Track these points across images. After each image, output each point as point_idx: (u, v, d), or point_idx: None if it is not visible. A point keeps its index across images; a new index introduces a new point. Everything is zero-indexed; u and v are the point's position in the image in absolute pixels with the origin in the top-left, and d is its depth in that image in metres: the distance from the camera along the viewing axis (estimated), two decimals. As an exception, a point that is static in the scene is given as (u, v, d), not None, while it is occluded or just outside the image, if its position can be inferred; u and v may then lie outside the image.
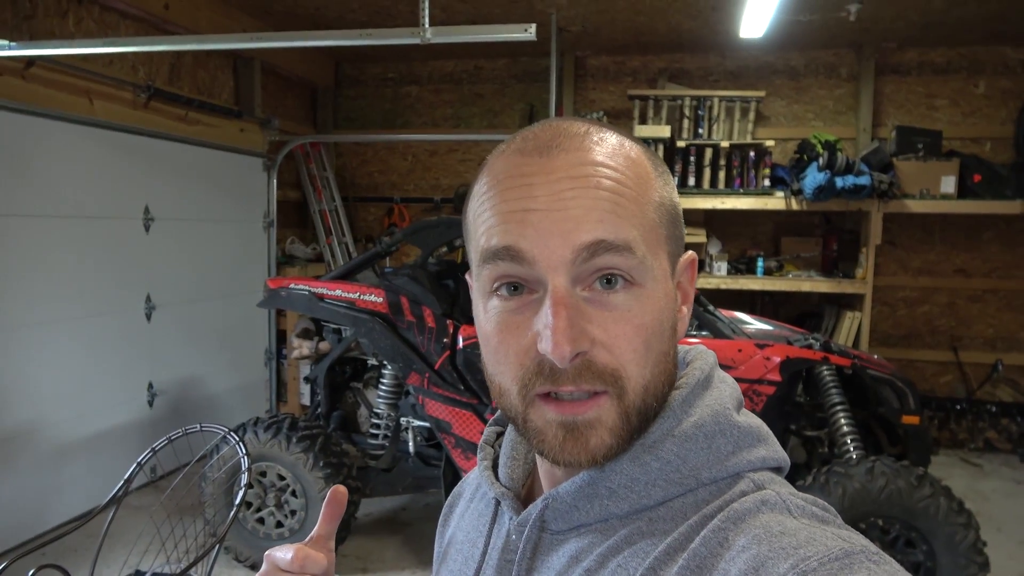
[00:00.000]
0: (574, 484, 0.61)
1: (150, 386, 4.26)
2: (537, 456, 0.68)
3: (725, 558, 0.52)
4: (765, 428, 0.64)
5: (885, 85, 5.60)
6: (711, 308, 3.46)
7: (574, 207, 0.56)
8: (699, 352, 0.68)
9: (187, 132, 4.56)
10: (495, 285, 0.58)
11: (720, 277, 5.33)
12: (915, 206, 4.97)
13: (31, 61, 3.42)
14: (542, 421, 0.58)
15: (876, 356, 3.49)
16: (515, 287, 0.57)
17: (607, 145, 0.59)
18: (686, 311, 0.65)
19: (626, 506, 0.59)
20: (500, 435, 0.76)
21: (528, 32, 2.21)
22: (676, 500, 0.59)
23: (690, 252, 0.66)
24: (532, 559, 0.64)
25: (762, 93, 5.46)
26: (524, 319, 0.57)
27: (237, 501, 2.13)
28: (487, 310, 0.59)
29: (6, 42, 2.67)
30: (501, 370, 0.59)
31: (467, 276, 0.65)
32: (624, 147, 0.60)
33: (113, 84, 3.98)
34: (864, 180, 4.84)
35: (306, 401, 5.44)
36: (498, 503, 0.70)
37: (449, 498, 0.85)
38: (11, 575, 3.04)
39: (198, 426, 2.39)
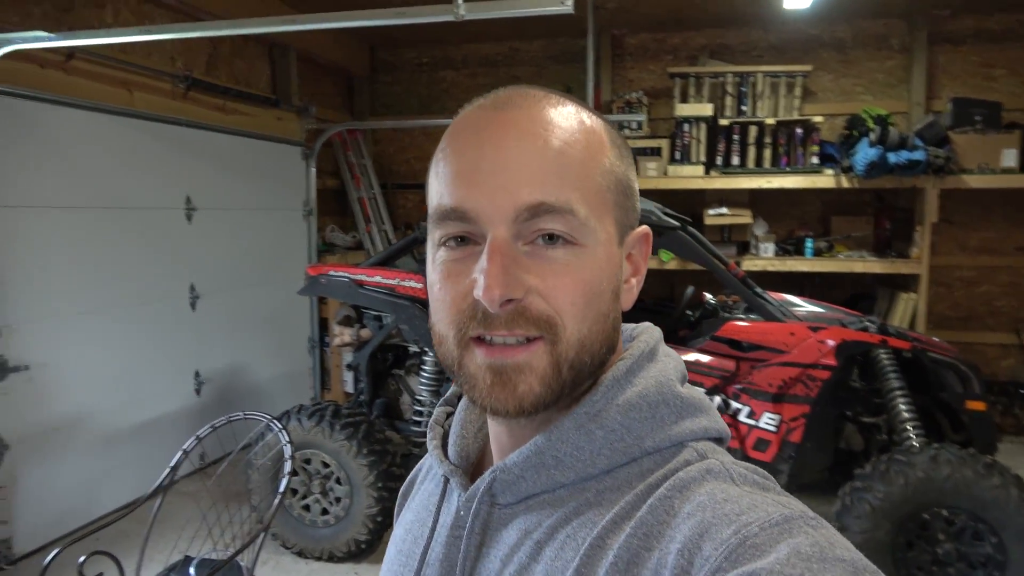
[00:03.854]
0: (521, 454, 0.61)
1: (197, 374, 4.30)
2: (490, 429, 0.69)
3: (671, 525, 0.53)
4: (707, 400, 0.65)
5: (939, 55, 5.35)
6: (759, 290, 3.33)
7: (518, 165, 0.57)
8: (645, 327, 0.69)
9: (225, 122, 4.57)
10: (444, 240, 0.60)
11: (767, 259, 5.18)
12: (974, 181, 4.75)
13: (71, 54, 3.44)
14: (474, 365, 0.59)
15: (936, 339, 3.33)
16: (462, 239, 0.59)
17: (562, 109, 0.60)
18: (635, 282, 0.66)
19: (572, 475, 0.60)
20: (450, 415, 0.76)
21: (565, 5, 2.12)
22: (621, 470, 0.60)
23: (643, 227, 0.66)
24: (483, 534, 0.63)
25: (808, 67, 5.26)
26: (465, 267, 0.58)
27: (281, 488, 2.11)
28: (435, 261, 0.61)
29: (44, 33, 2.67)
30: (440, 317, 0.60)
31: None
32: (580, 115, 0.61)
33: (152, 75, 4.00)
34: (919, 155, 4.64)
35: (350, 388, 5.44)
36: (447, 480, 0.70)
37: (405, 483, 0.84)
38: (63, 562, 3.10)
39: (241, 414, 2.38)
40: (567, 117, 0.60)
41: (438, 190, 0.60)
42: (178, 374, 4.19)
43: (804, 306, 3.58)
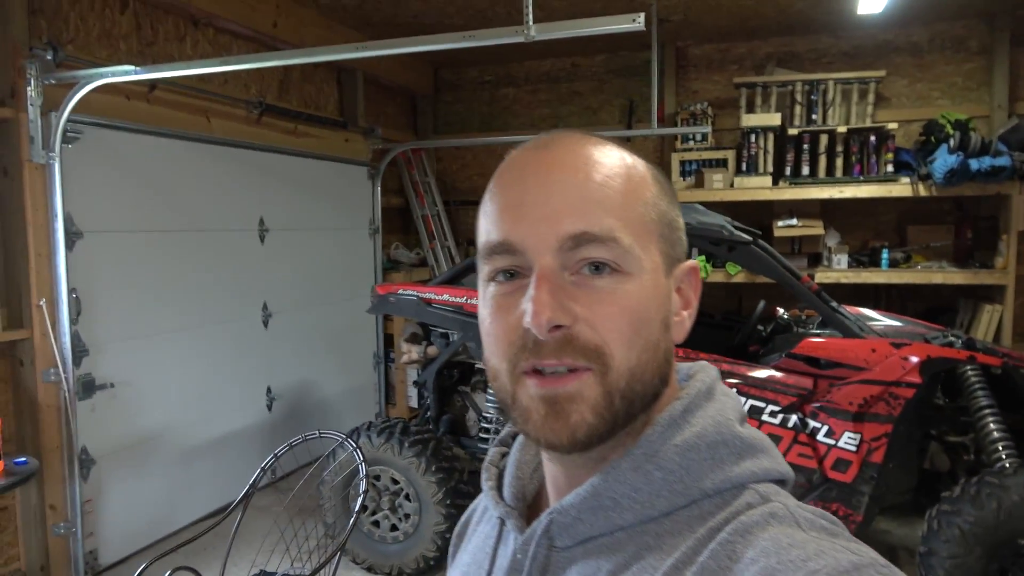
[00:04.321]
0: (578, 495, 0.61)
1: (268, 390, 4.43)
2: (546, 470, 0.68)
3: (734, 571, 0.52)
4: (768, 440, 0.64)
5: (1022, 56, 5.11)
6: (835, 304, 3.22)
7: (560, 197, 0.59)
8: (701, 366, 0.69)
9: (296, 144, 4.71)
10: (493, 274, 0.61)
11: (840, 271, 5.02)
12: (1064, 187, 4.50)
13: (154, 84, 3.61)
14: (527, 397, 0.59)
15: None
16: (511, 274, 0.60)
17: (603, 148, 0.63)
18: (687, 316, 0.66)
19: (630, 517, 0.59)
20: (505, 455, 0.75)
21: (637, 22, 2.11)
22: (681, 512, 0.59)
23: (691, 261, 0.67)
24: None
25: (882, 73, 5.10)
26: (515, 300, 0.59)
27: (356, 507, 2.14)
28: (484, 296, 0.62)
29: (132, 67, 2.81)
30: (492, 351, 0.61)
31: None
32: (621, 154, 0.63)
33: (228, 102, 4.16)
34: (1003, 161, 4.43)
35: (414, 404, 5.51)
36: (503, 522, 0.69)
37: (459, 523, 0.83)
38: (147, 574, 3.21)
39: (317, 432, 2.43)
40: (608, 155, 0.62)
41: (486, 227, 0.62)
42: (251, 390, 4.32)
43: (882, 320, 3.45)
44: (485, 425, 3.50)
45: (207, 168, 3.97)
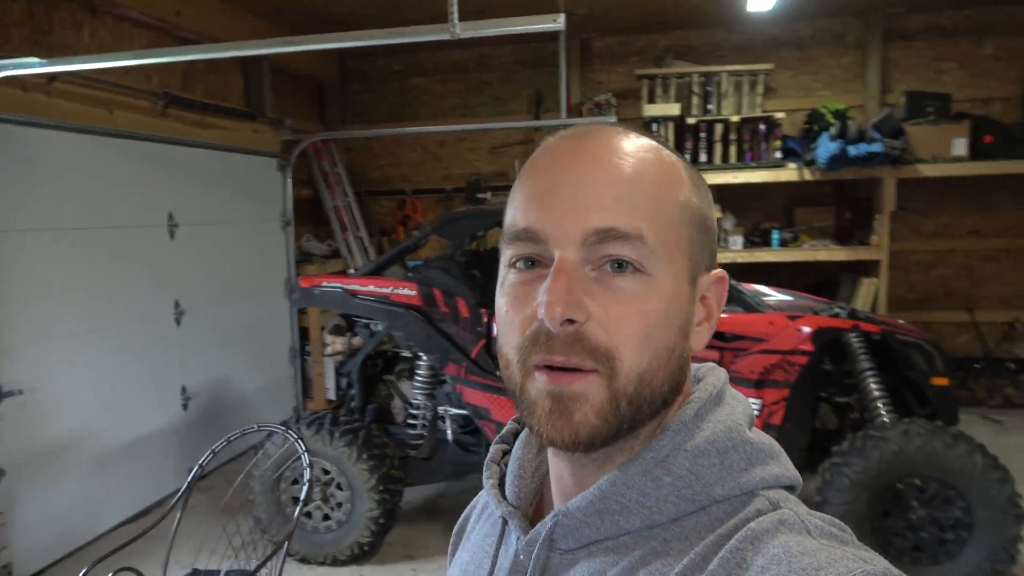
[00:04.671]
0: (585, 498, 0.60)
1: (184, 389, 4.33)
2: (551, 469, 0.67)
3: None
4: (777, 446, 0.63)
5: (892, 51, 5.61)
6: (734, 283, 3.50)
7: (590, 190, 0.58)
8: (710, 368, 0.68)
9: (203, 136, 4.60)
10: (514, 260, 0.60)
11: (736, 251, 5.37)
12: (928, 170, 5.00)
13: (53, 76, 3.46)
14: (535, 391, 0.58)
15: (902, 321, 3.54)
16: (532, 262, 0.59)
17: (639, 141, 0.62)
18: (707, 327, 0.64)
19: (638, 522, 0.58)
20: (506, 453, 0.74)
21: (557, 23, 2.25)
22: (689, 518, 0.58)
23: (720, 270, 0.65)
24: None
25: (770, 66, 5.47)
26: (532, 290, 0.58)
27: (302, 496, 2.20)
28: (503, 283, 0.62)
29: (37, 59, 2.71)
30: (506, 340, 0.60)
31: None
32: (659, 150, 0.62)
33: (131, 94, 4.02)
34: (877, 147, 4.86)
35: (332, 397, 5.52)
36: (505, 522, 0.68)
37: (459, 521, 0.82)
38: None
39: (255, 426, 2.46)
40: (645, 149, 0.61)
41: (512, 213, 0.61)
42: (165, 390, 4.22)
43: (774, 295, 3.75)
44: (413, 412, 3.59)
45: (112, 162, 3.83)
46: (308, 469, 2.25)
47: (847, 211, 5.56)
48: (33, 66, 2.71)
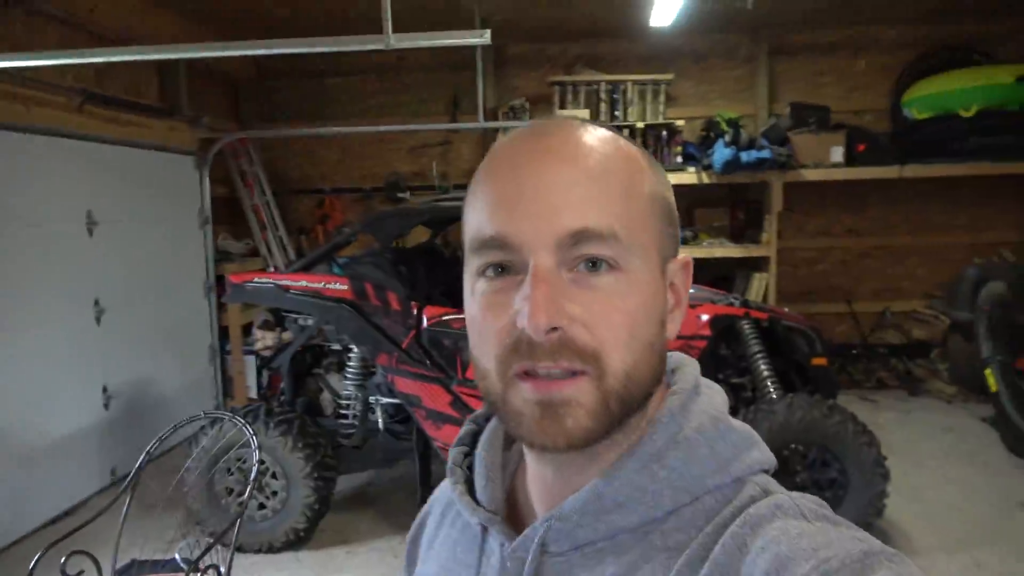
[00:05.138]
0: (579, 499, 0.59)
1: (105, 389, 4.30)
2: (530, 469, 0.66)
3: (746, 562, 0.52)
4: (752, 430, 0.65)
5: (778, 65, 6.14)
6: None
7: (560, 191, 0.56)
8: (681, 359, 0.68)
9: (120, 134, 4.56)
10: (483, 269, 0.59)
11: (643, 248, 5.76)
12: (810, 175, 5.54)
13: (-32, 71, 3.41)
14: (520, 400, 0.57)
15: (787, 310, 3.97)
16: (502, 268, 0.58)
17: (600, 134, 0.61)
18: (678, 314, 0.64)
19: (636, 519, 0.58)
20: (467, 455, 0.72)
21: (484, 37, 2.48)
22: (684, 510, 0.58)
23: (685, 256, 0.66)
24: None
25: (670, 76, 5.89)
26: (507, 298, 0.57)
27: (252, 478, 2.33)
28: (474, 293, 0.59)
29: (-38, 56, 2.71)
30: (483, 350, 0.59)
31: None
32: (616, 139, 0.62)
33: (48, 90, 3.97)
34: (765, 154, 5.35)
35: (253, 394, 5.55)
36: (484, 529, 0.66)
37: (414, 527, 0.80)
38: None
39: (201, 413, 2.56)
40: (605, 142, 0.60)
41: (476, 219, 0.59)
42: (86, 390, 4.18)
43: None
44: (344, 402, 3.74)
45: (30, 160, 3.78)
46: (257, 452, 2.38)
47: (740, 212, 6.06)
48: (-41, 63, 2.70)
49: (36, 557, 2.15)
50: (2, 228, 3.59)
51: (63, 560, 2.18)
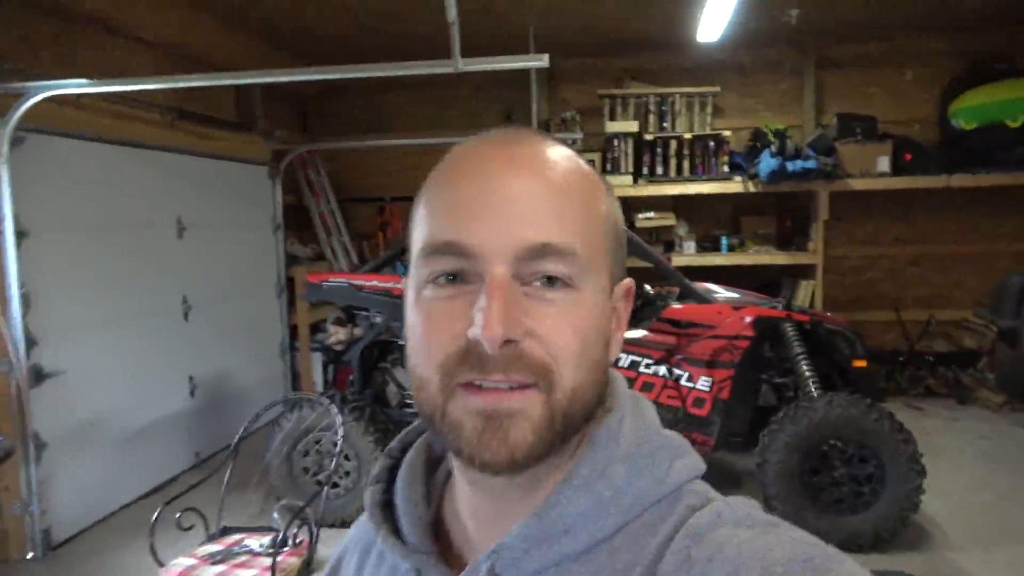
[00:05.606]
0: (525, 527, 0.57)
1: (191, 379, 4.70)
2: (462, 499, 0.63)
3: (694, 573, 0.51)
4: (684, 439, 0.64)
5: (825, 77, 6.28)
6: (686, 281, 4.04)
7: (524, 202, 0.55)
8: (613, 374, 0.65)
9: (204, 147, 4.98)
10: (432, 276, 0.56)
11: (689, 255, 5.96)
12: (856, 184, 5.67)
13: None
14: (461, 411, 0.54)
15: (829, 313, 4.13)
16: (453, 276, 0.56)
17: (561, 150, 0.60)
18: (619, 336, 0.64)
19: (584, 541, 0.56)
20: (385, 491, 0.69)
21: (543, 60, 2.75)
22: (629, 527, 0.57)
23: (628, 280, 0.65)
24: None
25: (717, 88, 6.08)
26: (456, 307, 0.55)
27: (338, 449, 2.64)
28: (419, 299, 0.57)
29: (86, 80, 3.10)
30: (424, 359, 0.56)
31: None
32: (576, 158, 0.61)
33: (145, 108, 4.40)
34: (811, 164, 5.50)
35: (319, 389, 5.91)
36: (419, 571, 0.63)
37: (328, 568, 0.76)
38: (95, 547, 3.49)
39: (292, 395, 2.88)
40: (568, 159, 0.60)
41: (428, 224, 0.57)
42: (175, 379, 4.59)
43: (723, 292, 4.31)
44: (406, 393, 4.04)
45: (129, 170, 4.20)
46: (341, 429, 2.69)
47: (787, 220, 6.21)
48: (83, 85, 3.09)
49: (157, 511, 2.49)
50: (105, 232, 4.01)
51: (178, 515, 2.52)
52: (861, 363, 3.70)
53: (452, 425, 0.55)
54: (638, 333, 3.67)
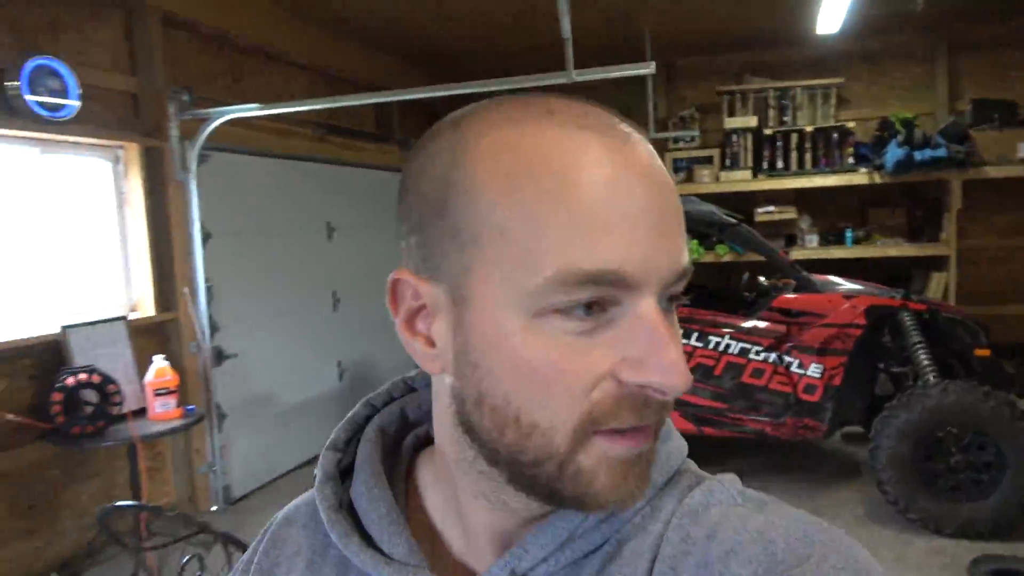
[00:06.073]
0: (555, 530, 0.51)
1: (339, 363, 5.29)
2: (459, 512, 0.55)
3: (694, 552, 0.48)
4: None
5: (960, 62, 6.03)
6: (804, 272, 4.10)
7: (672, 216, 0.46)
8: None
9: (348, 157, 5.56)
10: (570, 307, 0.44)
11: (812, 248, 5.93)
12: (993, 172, 5.43)
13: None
14: (594, 460, 0.46)
15: (949, 303, 4.07)
16: (591, 307, 0.44)
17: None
18: None
19: (597, 539, 0.51)
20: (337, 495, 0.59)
21: (650, 68, 2.99)
22: (637, 514, 0.52)
23: None
24: None
25: (841, 79, 6.00)
26: (595, 343, 0.44)
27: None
28: (536, 332, 0.44)
29: (256, 104, 3.66)
30: (549, 404, 0.45)
31: (411, 275, 0.52)
32: None
33: (299, 124, 5.00)
34: (941, 152, 5.34)
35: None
36: None
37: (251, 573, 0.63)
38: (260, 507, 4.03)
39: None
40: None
41: (565, 241, 0.43)
42: (326, 363, 5.18)
43: (844, 284, 4.33)
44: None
45: (288, 179, 4.82)
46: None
47: (918, 211, 6.02)
48: (253, 109, 3.65)
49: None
50: (268, 234, 4.62)
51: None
52: (984, 352, 3.65)
53: (580, 475, 0.46)
54: (749, 323, 3.81)
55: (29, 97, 3.13)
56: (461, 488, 0.54)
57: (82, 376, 3.11)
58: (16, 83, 3.09)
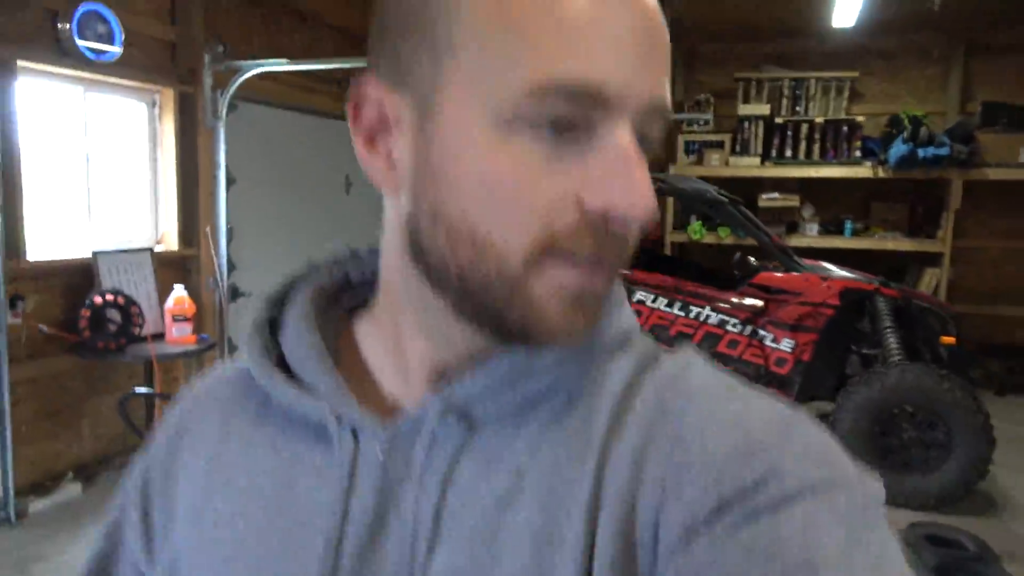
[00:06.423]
0: (498, 363, 0.46)
1: (348, 313, 5.59)
2: (408, 342, 0.51)
3: (673, 424, 0.44)
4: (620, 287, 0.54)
5: (975, 64, 6.11)
6: (793, 257, 4.27)
7: (659, 49, 0.42)
8: None
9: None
10: (548, 120, 0.40)
11: (811, 237, 6.10)
12: (993, 174, 5.55)
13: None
14: (548, 289, 0.42)
15: (923, 292, 4.25)
16: (563, 127, 0.40)
17: None
18: None
19: (543, 384, 0.47)
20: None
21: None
22: (587, 370, 0.48)
23: None
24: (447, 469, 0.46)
25: (855, 73, 6.12)
26: (561, 167, 0.41)
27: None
28: (501, 145, 0.41)
29: (285, 60, 3.92)
30: (507, 221, 0.41)
31: (367, 80, 0.47)
32: None
33: (323, 82, 5.26)
34: (943, 151, 5.47)
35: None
36: (339, 418, 0.49)
37: (143, 469, 0.58)
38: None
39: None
40: None
41: (543, 47, 0.39)
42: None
43: (834, 270, 4.50)
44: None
45: (309, 133, 5.09)
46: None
47: (919, 207, 6.15)
48: (281, 64, 3.92)
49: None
50: (289, 183, 4.91)
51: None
52: (949, 340, 3.84)
53: (530, 303, 0.43)
54: (730, 296, 4.03)
55: (79, 40, 3.42)
56: (402, 325, 0.51)
57: (108, 297, 3.43)
58: (68, 26, 3.38)
